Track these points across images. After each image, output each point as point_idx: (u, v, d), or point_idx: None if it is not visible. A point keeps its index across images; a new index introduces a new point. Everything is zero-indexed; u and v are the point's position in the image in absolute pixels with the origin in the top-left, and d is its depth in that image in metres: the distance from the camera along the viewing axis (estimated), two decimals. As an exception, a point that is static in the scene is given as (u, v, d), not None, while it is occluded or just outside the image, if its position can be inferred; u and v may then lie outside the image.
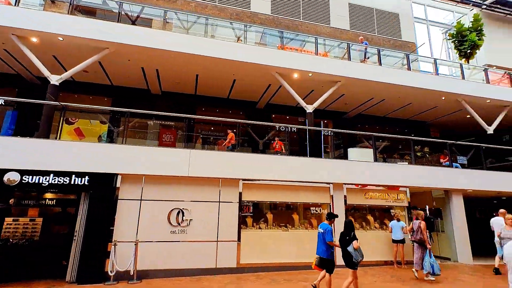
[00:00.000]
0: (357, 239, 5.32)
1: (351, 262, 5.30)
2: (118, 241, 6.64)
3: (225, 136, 9.52)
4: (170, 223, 7.26)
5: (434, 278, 6.96)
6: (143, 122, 10.15)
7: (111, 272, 6.35)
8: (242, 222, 7.91)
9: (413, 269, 7.30)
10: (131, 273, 6.49)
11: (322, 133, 11.29)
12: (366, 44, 12.03)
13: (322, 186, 8.72)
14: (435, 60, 12.54)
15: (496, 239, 7.84)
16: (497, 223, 8.22)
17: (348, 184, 8.96)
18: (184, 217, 7.37)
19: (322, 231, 5.74)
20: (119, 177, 7.11)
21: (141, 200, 7.24)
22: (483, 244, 9.89)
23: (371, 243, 8.96)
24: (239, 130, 9.14)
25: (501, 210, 8.25)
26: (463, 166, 11.07)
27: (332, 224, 5.95)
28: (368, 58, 11.78)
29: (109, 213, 6.88)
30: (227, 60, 9.14)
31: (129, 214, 7.06)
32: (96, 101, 10.98)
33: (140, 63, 9.48)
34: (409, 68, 11.65)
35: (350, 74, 10.21)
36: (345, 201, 8.86)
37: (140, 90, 11.52)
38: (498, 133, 13.06)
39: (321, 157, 9.36)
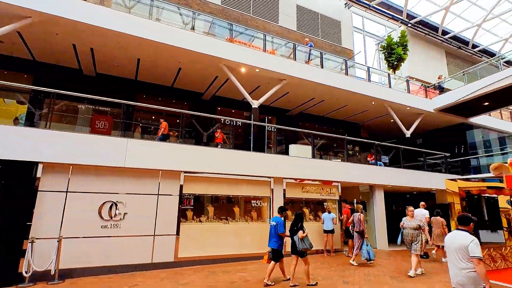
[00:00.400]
0: (303, 230, 5.80)
1: (296, 250, 5.72)
2: (36, 238, 5.86)
3: (168, 126, 9.11)
4: (101, 217, 6.68)
5: (371, 263, 8.04)
6: (72, 105, 9.11)
7: (26, 273, 5.59)
8: (182, 216, 7.72)
9: (353, 255, 8.22)
10: (52, 272, 5.82)
11: (266, 128, 11.62)
12: (311, 46, 12.68)
13: (263, 180, 9.00)
14: (368, 68, 13.87)
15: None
16: (419, 214, 9.51)
17: (288, 178, 9.41)
18: (118, 211, 6.86)
19: (275, 223, 6.08)
20: (40, 166, 6.27)
21: (67, 192, 6.51)
22: (397, 232, 11.39)
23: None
24: (182, 121, 8.83)
25: (422, 203, 9.70)
26: (385, 164, 12.55)
27: (283, 217, 6.40)
28: (312, 60, 12.45)
29: (26, 206, 6.03)
30: (172, 46, 8.72)
31: (52, 208, 6.29)
32: (12, 77, 9.42)
33: (71, 39, 8.44)
34: (346, 73, 12.66)
35: (295, 74, 10.67)
36: (284, 194, 9.30)
37: (70, 69, 10.27)
38: (414, 137, 15.14)
39: (264, 152, 9.64)
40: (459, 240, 3.35)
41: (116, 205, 6.87)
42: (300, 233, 5.75)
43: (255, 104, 10.23)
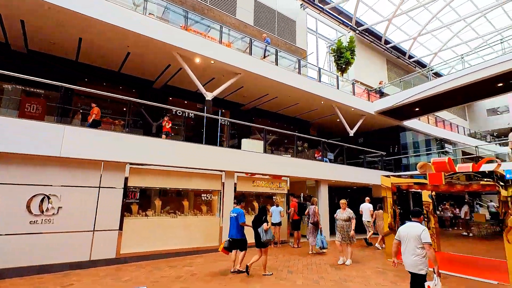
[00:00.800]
0: (267, 222, 6.17)
1: (260, 242, 6.08)
2: None
3: (112, 114, 8.47)
4: (30, 211, 5.98)
5: (324, 251, 8.92)
6: (-5, 84, 7.92)
7: None
8: (126, 210, 7.30)
9: (311, 246, 8.94)
10: (-35, 276, 5.05)
11: (220, 122, 11.51)
12: (268, 42, 12.83)
13: (214, 174, 8.94)
14: (319, 69, 14.57)
15: (364, 219, 10.45)
16: (365, 207, 10.61)
17: (239, 172, 9.49)
18: (50, 205, 6.20)
19: (236, 215, 6.32)
20: (-48, 153, 5.35)
21: (-13, 183, 5.68)
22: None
23: (254, 226, 9.85)
24: (130, 109, 8.27)
25: (367, 198, 10.68)
26: (330, 161, 13.39)
27: (243, 207, 6.77)
28: (268, 56, 12.63)
29: None
30: (120, 28, 8.08)
31: (-35, 202, 5.44)
32: None
33: (-4, 7, 7.30)
34: (299, 72, 13.14)
35: (251, 69, 10.73)
36: (235, 188, 9.37)
37: (-7, 42, 8.90)
38: (356, 136, 16.40)
39: (217, 145, 9.54)
40: (413, 230, 4.04)
41: (48, 198, 6.20)
42: (264, 225, 6.07)
43: (209, 96, 10.05)
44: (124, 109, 8.60)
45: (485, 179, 6.55)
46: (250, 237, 6.48)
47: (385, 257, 8.26)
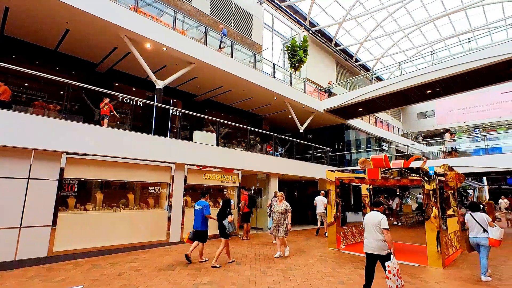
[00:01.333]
0: (231, 214, 6.54)
1: (225, 233, 6.44)
2: None
3: (47, 98, 7.55)
4: None
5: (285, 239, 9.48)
6: None
7: None
8: (61, 204, 6.63)
9: (272, 234, 9.27)
10: None
11: (171, 112, 11.06)
12: (224, 33, 12.62)
13: (164, 166, 8.59)
14: (274, 65, 14.83)
15: (318, 211, 11.18)
16: (319, 200, 11.28)
17: (190, 165, 9.26)
18: (-35, 199, 5.34)
19: (201, 207, 6.57)
20: None
21: None
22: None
23: (204, 219, 9.75)
24: (67, 93, 7.46)
25: (322, 192, 11.20)
26: (281, 155, 13.83)
27: (208, 200, 7.01)
28: (223, 48, 12.45)
29: None
30: (57, 0, 7.21)
31: None
32: None
33: None
34: (254, 67, 13.22)
35: (205, 59, 10.47)
36: (185, 181, 9.14)
37: None
38: (306, 132, 17.17)
39: (167, 136, 9.16)
40: (375, 218, 4.74)
41: (-38, 191, 5.33)
42: (229, 217, 6.49)
43: (159, 84, 9.58)
44: (62, 92, 7.74)
45: (413, 175, 7.40)
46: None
47: (327, 245, 8.86)
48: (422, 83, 12.76)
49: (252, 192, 12.80)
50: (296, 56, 17.77)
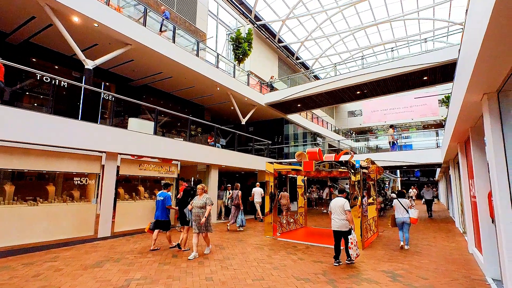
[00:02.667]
0: (190, 204, 6.67)
1: (185, 220, 7.02)
2: None
3: None
4: None
5: (242, 229, 10.12)
6: None
7: None
8: (-44, 197, 5.54)
9: (227, 224, 10.26)
10: None
11: (102, 96, 10.08)
12: (166, 16, 11.87)
13: (92, 155, 7.81)
14: (218, 55, 14.60)
15: (255, 200, 11.95)
16: (257, 191, 11.87)
17: (124, 154, 8.61)
18: None
19: (163, 198, 6.98)
20: None
21: None
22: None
23: (138, 212, 9.22)
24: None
25: (257, 183, 11.37)
26: (222, 146, 13.81)
27: (169, 191, 7.29)
28: (164, 32, 11.74)
29: None
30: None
31: None
32: None
33: None
34: (197, 55, 12.81)
35: (144, 42, 9.76)
36: (118, 172, 8.48)
37: None
38: (248, 125, 17.43)
39: (97, 122, 8.30)
40: (339, 202, 6.05)
41: None
42: (189, 206, 6.69)
43: (89, 64, 8.62)
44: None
45: (342, 167, 8.15)
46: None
47: (264, 234, 9.24)
48: (353, 85, 14.03)
49: (192, 183, 12.55)
50: (240, 48, 17.77)
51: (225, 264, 5.81)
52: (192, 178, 12.78)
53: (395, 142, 15.30)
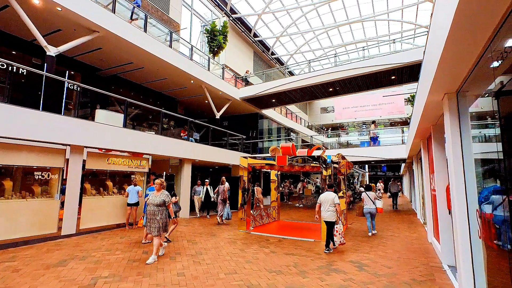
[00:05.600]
0: (175, 196, 7.55)
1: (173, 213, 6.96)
2: None
3: None
4: None
5: (229, 221, 10.52)
6: None
7: None
8: None
9: (217, 217, 10.55)
10: None
11: (67, 85, 9.46)
12: (137, 4, 11.31)
13: (55, 148, 7.35)
14: (192, 46, 14.26)
15: (213, 195, 11.62)
16: (222, 188, 11.34)
17: (91, 147, 8.19)
18: None
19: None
20: None
21: None
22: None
23: (106, 208, 8.87)
24: None
25: (223, 178, 11.20)
26: (196, 140, 13.59)
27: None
28: (136, 20, 11.22)
29: None
30: None
31: None
32: None
33: None
34: (171, 46, 12.41)
35: (112, 29, 9.27)
36: (84, 166, 8.06)
37: None
38: (222, 119, 17.27)
39: (61, 113, 7.79)
40: (329, 196, 6.75)
41: None
42: (173, 198, 7.17)
43: (51, 51, 8.05)
44: None
45: (315, 162, 8.36)
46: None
47: (237, 228, 9.28)
48: (326, 82, 14.36)
49: (164, 178, 12.26)
50: (215, 40, 17.46)
51: (197, 259, 5.77)
52: (164, 172, 12.46)
53: (376, 136, 15.97)
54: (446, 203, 5.57)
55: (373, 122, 19.22)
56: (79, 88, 9.22)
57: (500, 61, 2.42)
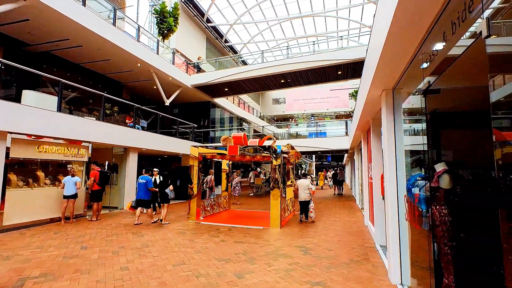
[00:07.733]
0: (171, 184, 8.49)
1: (167, 199, 8.37)
2: None
3: None
4: None
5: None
6: None
7: None
8: None
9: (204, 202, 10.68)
10: None
11: (-17, 60, 8.09)
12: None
13: (-30, 133, 6.30)
14: (139, 27, 13.27)
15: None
16: (209, 178, 11.70)
17: (16, 133, 7.20)
18: None
19: (145, 181, 8.25)
20: None
21: None
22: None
23: (37, 201, 7.96)
24: None
25: (211, 170, 10.80)
26: (143, 128, 12.84)
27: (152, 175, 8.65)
28: (71, -10, 9.97)
29: None
30: None
31: None
32: None
33: None
34: (114, 24, 11.37)
35: (43, -1, 8.13)
36: (8, 154, 7.07)
37: None
38: (172, 106, 16.58)
39: (-25, 93, 6.66)
40: (305, 182, 8.90)
41: None
42: (170, 187, 8.43)
43: (-38, 18, 6.77)
44: None
45: (265, 152, 8.54)
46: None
47: (187, 218, 9.11)
48: (278, 73, 14.63)
49: (106, 167, 11.40)
50: (165, 23, 16.46)
51: (143, 252, 5.54)
52: (107, 162, 11.60)
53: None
54: (380, 189, 6.17)
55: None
56: (2, 65, 7.96)
57: (428, 63, 2.71)
